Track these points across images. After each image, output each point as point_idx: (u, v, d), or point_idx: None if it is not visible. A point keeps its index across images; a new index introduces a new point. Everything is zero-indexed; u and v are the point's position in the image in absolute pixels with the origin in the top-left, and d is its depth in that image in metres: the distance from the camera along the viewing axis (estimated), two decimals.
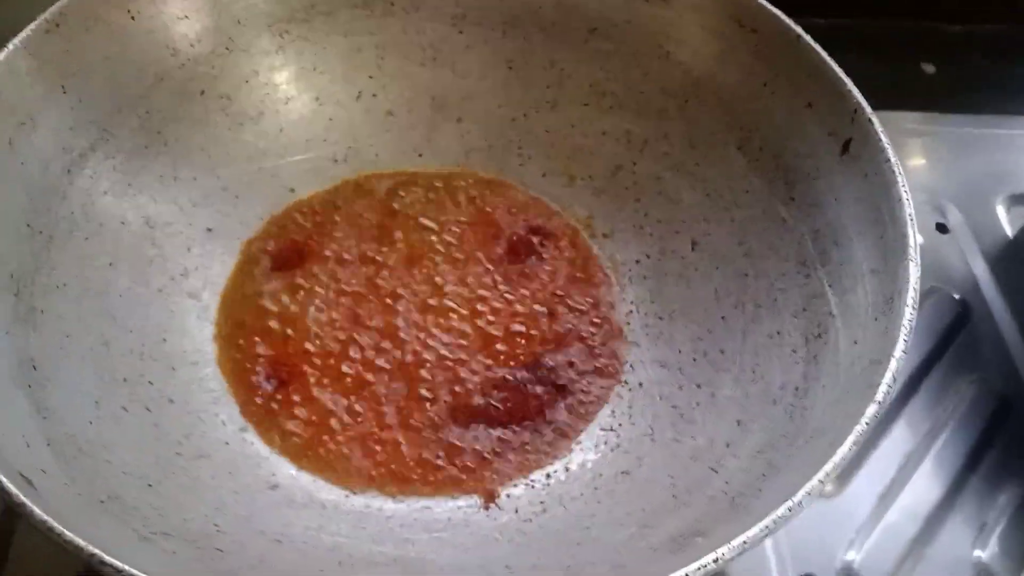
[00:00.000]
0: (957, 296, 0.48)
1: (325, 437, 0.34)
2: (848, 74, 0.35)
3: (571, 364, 0.37)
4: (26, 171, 0.33)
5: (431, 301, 0.38)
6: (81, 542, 0.22)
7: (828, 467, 0.25)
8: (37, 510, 0.23)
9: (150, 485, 0.30)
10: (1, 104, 0.32)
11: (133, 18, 0.36)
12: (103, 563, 0.22)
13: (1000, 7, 0.62)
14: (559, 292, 0.39)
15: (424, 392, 0.36)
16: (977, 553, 0.40)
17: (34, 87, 0.33)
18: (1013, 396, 0.44)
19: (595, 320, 0.39)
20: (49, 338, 0.31)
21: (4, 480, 0.23)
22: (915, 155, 0.55)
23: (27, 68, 0.33)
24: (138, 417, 0.32)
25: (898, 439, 0.43)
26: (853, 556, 0.39)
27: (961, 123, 0.56)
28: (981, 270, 0.49)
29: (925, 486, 0.42)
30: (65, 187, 0.34)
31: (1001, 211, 0.52)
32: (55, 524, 0.23)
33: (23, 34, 0.33)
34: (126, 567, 0.22)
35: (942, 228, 0.51)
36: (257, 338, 0.37)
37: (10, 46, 0.33)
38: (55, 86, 0.34)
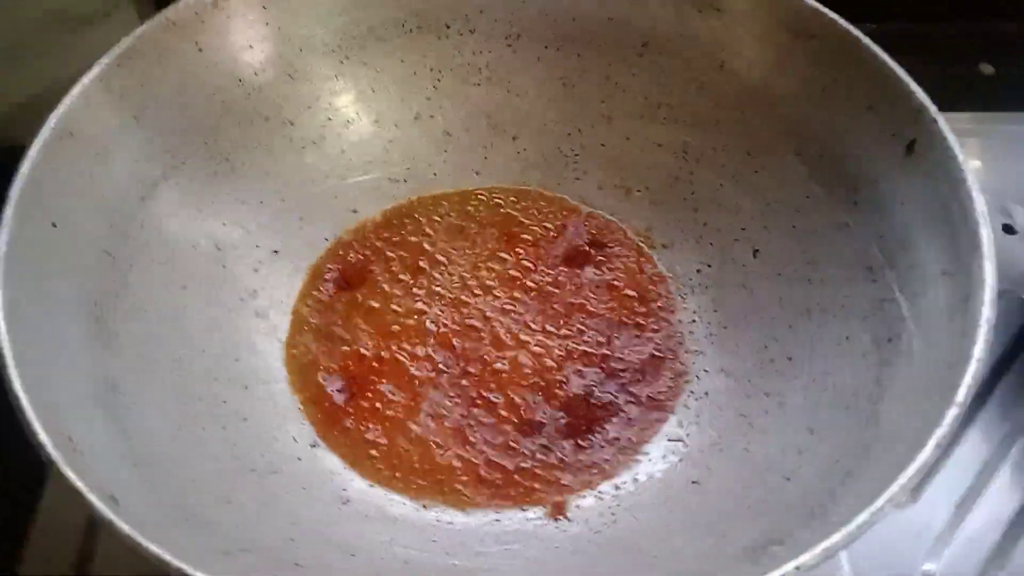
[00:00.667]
0: None
1: (395, 452, 0.35)
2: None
3: (635, 375, 0.37)
4: (103, 200, 0.34)
5: (495, 315, 0.39)
6: (168, 556, 0.23)
7: (910, 471, 0.24)
8: (123, 525, 0.23)
9: (228, 502, 0.30)
10: (78, 136, 0.33)
11: (201, 50, 0.37)
12: None
13: None
14: (622, 304, 0.39)
15: (491, 405, 0.36)
16: None
17: (109, 119, 0.35)
18: None
19: (658, 330, 0.39)
20: (128, 360, 0.32)
21: (91, 498, 0.24)
22: (976, 156, 0.54)
23: (101, 100, 0.34)
24: (214, 435, 0.33)
25: (973, 446, 0.42)
26: (931, 567, 0.38)
27: (1021, 122, 0.56)
28: None
29: (1004, 493, 0.41)
30: (140, 214, 0.35)
31: None
32: (140, 539, 0.23)
33: (96, 68, 0.34)
34: None
35: (1009, 229, 0.50)
36: (324, 356, 0.37)
37: (85, 79, 0.34)
38: (128, 117, 0.35)
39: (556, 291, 0.40)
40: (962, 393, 0.26)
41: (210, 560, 0.24)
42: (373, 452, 0.35)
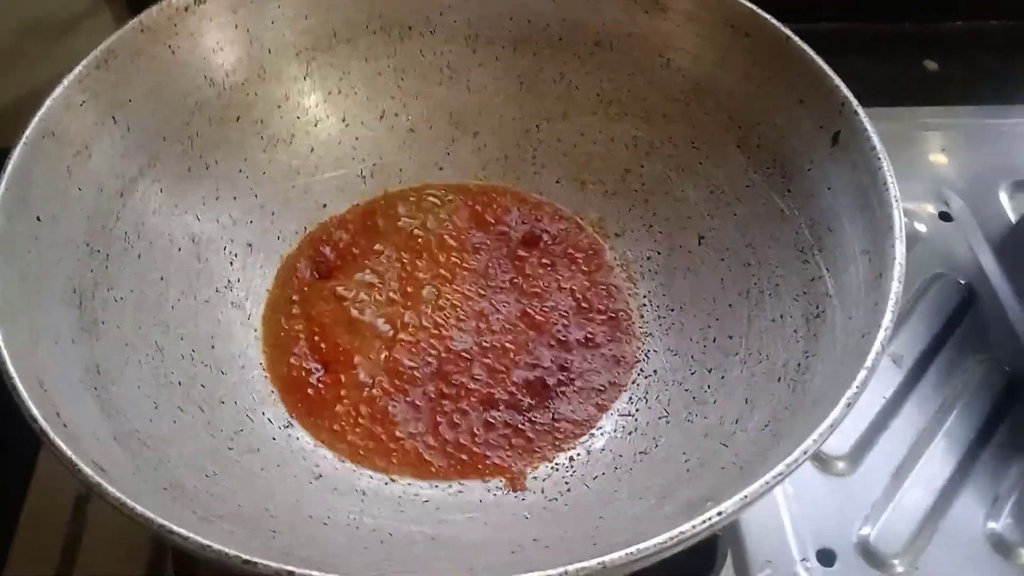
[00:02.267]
0: (963, 281, 0.50)
1: (362, 430, 0.37)
2: (853, 74, 0.37)
3: (589, 356, 0.40)
4: (83, 196, 0.36)
5: (458, 301, 0.41)
6: (151, 514, 0.25)
7: (822, 428, 0.27)
8: (111, 489, 0.26)
9: (207, 476, 0.32)
10: (59, 135, 0.35)
11: (173, 52, 0.39)
12: (171, 532, 0.25)
13: (997, 3, 0.64)
14: (575, 290, 0.42)
15: (453, 385, 0.38)
16: (991, 525, 0.41)
17: (87, 118, 0.36)
18: (1021, 373, 0.46)
19: (610, 314, 0.41)
20: (111, 346, 0.34)
21: (81, 466, 0.26)
22: (919, 148, 0.56)
23: (80, 101, 0.36)
24: (193, 416, 0.35)
25: (909, 418, 0.45)
26: (868, 531, 0.41)
27: (963, 115, 0.58)
28: (986, 255, 0.51)
29: (937, 462, 0.43)
30: (118, 209, 0.37)
31: (1004, 198, 0.54)
32: (127, 500, 0.25)
33: (76, 70, 0.36)
34: (192, 535, 0.25)
35: (946, 216, 0.53)
36: (296, 342, 0.39)
37: (64, 81, 0.36)
38: (106, 117, 0.37)
39: (515, 278, 0.42)
40: (870, 358, 0.28)
41: (191, 525, 0.26)
42: (342, 431, 0.37)
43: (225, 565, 0.25)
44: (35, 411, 0.27)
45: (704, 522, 0.25)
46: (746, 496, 0.25)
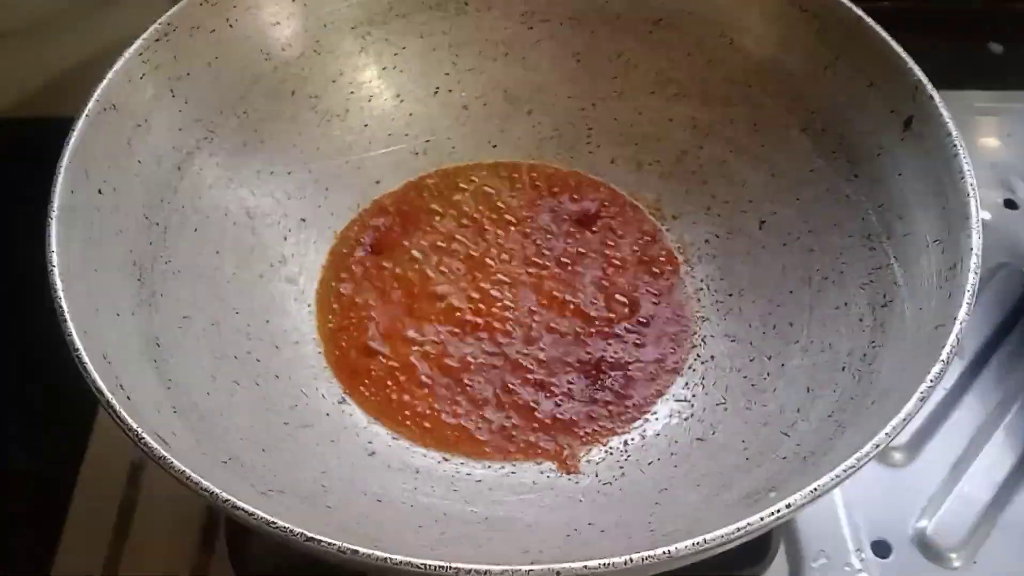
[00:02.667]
0: None
1: (417, 408, 0.37)
2: (915, 56, 0.36)
3: (644, 339, 0.39)
4: (143, 168, 0.36)
5: (515, 281, 0.41)
6: (216, 488, 0.25)
7: (895, 421, 0.26)
8: (176, 461, 0.26)
9: (263, 450, 0.33)
10: (120, 108, 0.35)
11: (231, 25, 0.39)
12: (236, 508, 0.25)
13: None
14: (631, 272, 0.41)
15: (509, 366, 0.38)
16: None
17: (146, 91, 0.36)
18: None
19: (668, 298, 0.40)
20: (169, 318, 0.34)
21: (146, 437, 0.26)
22: (984, 133, 0.55)
23: (140, 74, 0.36)
24: (248, 390, 0.35)
25: (969, 410, 0.44)
26: (926, 523, 0.40)
27: None
28: None
29: (997, 456, 0.43)
30: (176, 182, 0.37)
31: None
32: (192, 474, 0.25)
33: (136, 43, 0.36)
34: (258, 511, 0.25)
35: (1011, 204, 0.51)
36: (351, 319, 0.39)
37: (126, 54, 0.36)
38: (165, 90, 0.37)
39: (571, 260, 0.42)
40: (946, 352, 0.27)
41: (251, 499, 0.26)
42: (397, 408, 0.37)
43: (287, 541, 0.25)
44: (101, 383, 0.27)
45: (772, 514, 0.25)
46: (816, 488, 0.25)
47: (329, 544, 0.24)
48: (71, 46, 0.48)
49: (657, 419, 0.37)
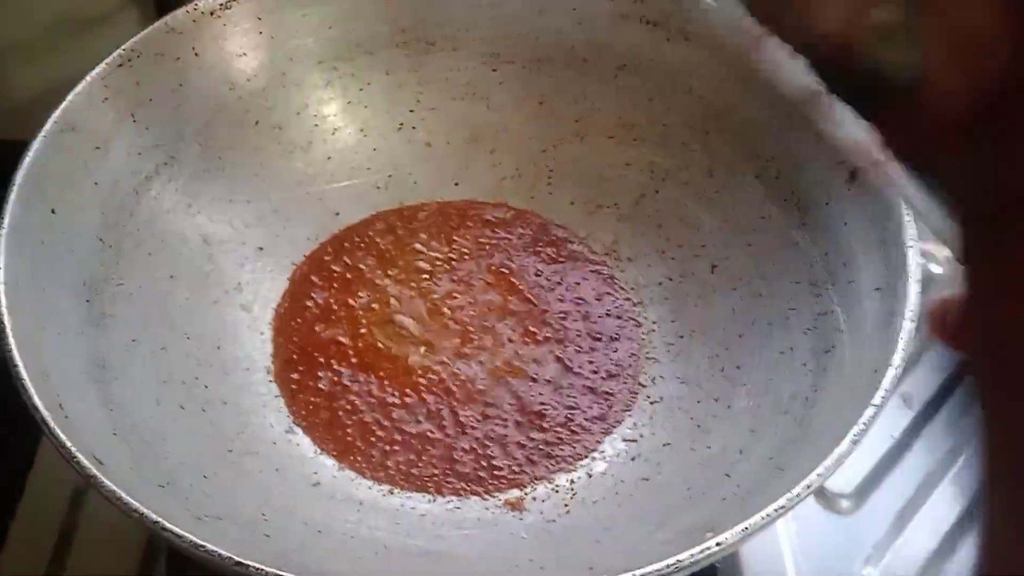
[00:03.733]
0: None
1: (365, 441, 0.37)
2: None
3: (596, 379, 0.40)
4: (99, 191, 0.36)
5: (462, 317, 0.41)
6: (146, 511, 0.25)
7: (827, 462, 0.27)
8: (107, 482, 0.25)
9: (204, 475, 0.32)
10: (79, 130, 0.35)
11: (197, 54, 0.40)
12: (165, 530, 0.25)
13: None
14: (584, 312, 0.42)
15: (458, 402, 0.38)
16: None
17: (107, 115, 0.37)
18: None
19: (619, 339, 0.41)
20: (117, 340, 0.34)
21: (80, 457, 0.26)
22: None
23: (102, 98, 0.37)
24: (194, 415, 0.35)
25: (917, 459, 0.44)
26: (870, 571, 0.40)
27: None
28: None
29: (944, 505, 0.43)
30: (133, 206, 0.37)
31: None
32: (123, 495, 0.25)
33: (99, 67, 0.37)
34: (187, 534, 0.25)
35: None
36: (304, 349, 0.39)
37: (88, 78, 0.36)
38: (126, 115, 0.37)
39: (524, 298, 0.42)
40: (879, 396, 0.28)
41: (185, 523, 0.26)
42: (344, 440, 0.37)
43: (217, 566, 0.25)
44: (37, 400, 0.27)
45: (702, 551, 0.25)
46: (747, 528, 0.25)
47: (257, 570, 0.24)
48: (44, 70, 0.49)
49: (604, 458, 0.37)
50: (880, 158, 0.24)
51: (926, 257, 0.51)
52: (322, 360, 0.39)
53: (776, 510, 0.26)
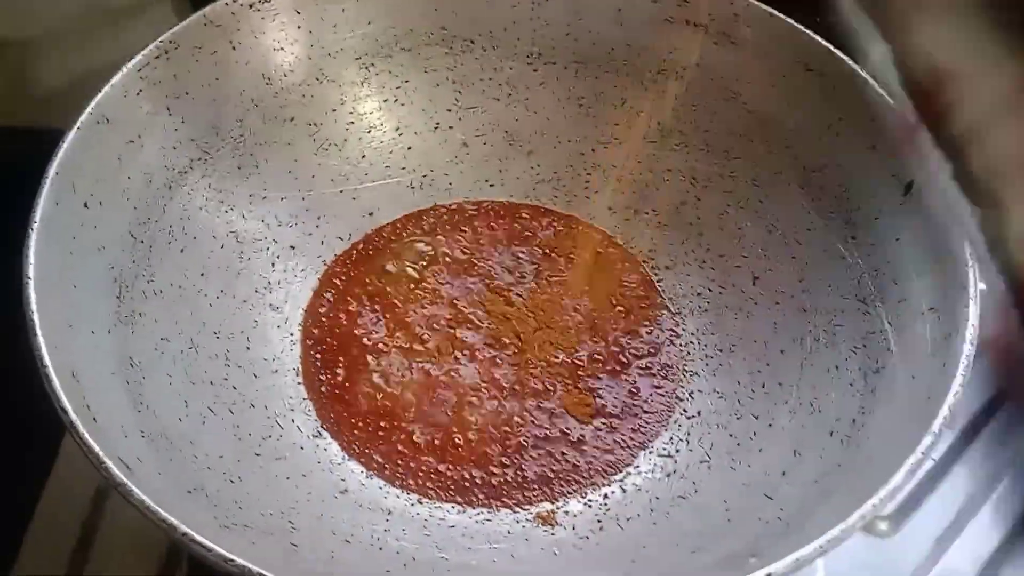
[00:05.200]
0: None
1: (395, 448, 0.36)
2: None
3: (630, 391, 0.39)
4: (132, 185, 0.35)
5: (498, 324, 0.40)
6: (175, 521, 0.24)
7: (883, 493, 0.25)
8: (136, 490, 0.25)
9: (231, 481, 0.32)
10: (113, 122, 0.35)
11: (234, 48, 0.39)
12: (193, 542, 0.24)
13: None
14: (620, 322, 0.41)
15: (490, 409, 0.37)
16: None
17: (143, 108, 0.36)
18: None
19: (656, 350, 0.40)
20: (146, 339, 0.33)
21: (107, 463, 0.25)
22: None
23: (137, 90, 0.36)
24: (221, 418, 0.34)
25: (957, 483, 0.43)
26: None
27: None
28: None
29: (984, 531, 0.42)
30: (165, 201, 0.37)
31: None
32: (151, 503, 0.24)
33: (135, 59, 0.36)
34: (215, 547, 0.24)
35: None
36: (335, 351, 0.39)
37: (124, 69, 0.35)
38: (161, 108, 0.37)
39: (561, 305, 0.41)
40: (936, 424, 0.27)
41: (212, 532, 0.25)
42: (374, 446, 0.36)
43: None
44: (66, 402, 0.26)
45: None
46: (798, 559, 0.24)
47: None
48: (76, 59, 0.48)
49: (639, 473, 0.36)
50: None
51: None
52: (351, 363, 0.38)
53: (829, 541, 0.25)
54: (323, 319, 0.40)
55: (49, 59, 0.49)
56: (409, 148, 0.44)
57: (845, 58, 0.37)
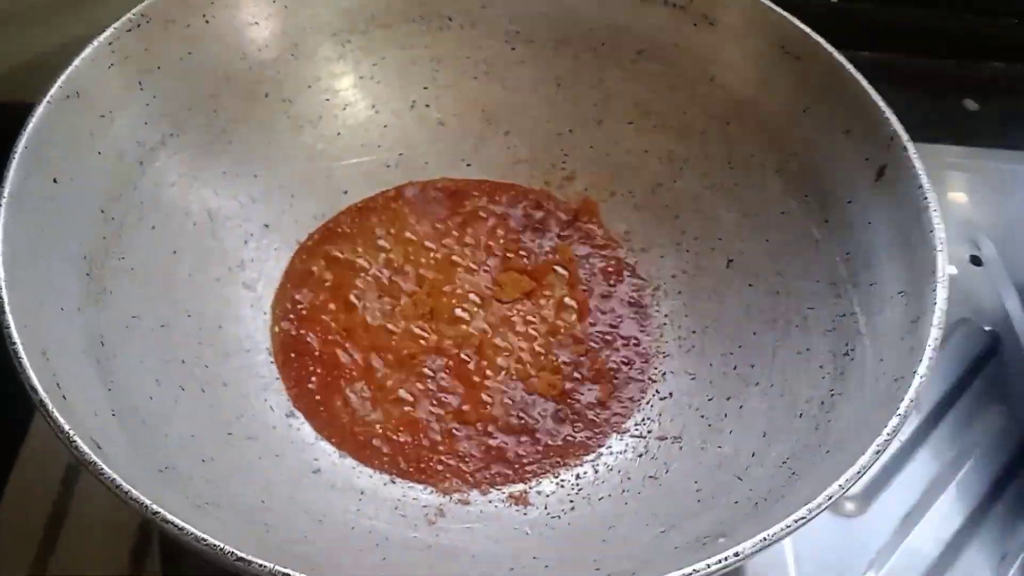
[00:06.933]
0: (987, 328, 0.48)
1: (367, 427, 0.36)
2: (891, 107, 0.36)
3: (603, 372, 0.39)
4: (103, 161, 0.35)
5: (471, 304, 0.40)
6: (146, 500, 0.24)
7: (849, 473, 0.26)
8: (107, 468, 0.25)
9: (203, 460, 0.31)
10: (84, 97, 0.34)
11: (207, 22, 0.38)
12: (165, 521, 0.24)
13: None
14: (593, 303, 0.41)
15: (464, 391, 0.37)
16: None
17: (114, 82, 0.35)
18: None
19: (627, 331, 0.40)
20: (116, 317, 0.33)
21: (77, 441, 0.25)
22: (953, 188, 0.55)
23: (108, 64, 0.35)
24: (194, 397, 0.34)
25: (922, 465, 0.44)
26: (873, 575, 0.40)
27: (1001, 159, 0.57)
28: (1013, 304, 0.49)
29: (948, 512, 0.42)
30: (137, 178, 0.36)
31: None
32: (122, 482, 0.24)
33: (106, 32, 0.35)
34: (188, 527, 0.24)
35: (976, 260, 0.51)
36: (307, 330, 0.38)
37: (95, 43, 0.35)
38: (133, 82, 0.36)
39: (531, 286, 0.41)
40: (904, 406, 0.27)
41: (184, 512, 0.25)
42: (345, 426, 0.36)
43: (217, 560, 0.24)
44: (35, 381, 0.26)
45: (720, 561, 0.24)
46: (765, 538, 0.24)
47: (261, 566, 0.23)
48: (47, 34, 0.47)
49: (611, 453, 0.37)
50: None
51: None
52: (324, 343, 0.38)
53: (796, 521, 0.25)
54: (296, 298, 0.39)
55: (19, 31, 0.48)
56: (385, 126, 0.43)
57: (821, 41, 0.37)
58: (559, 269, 0.42)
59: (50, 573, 0.36)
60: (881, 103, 0.35)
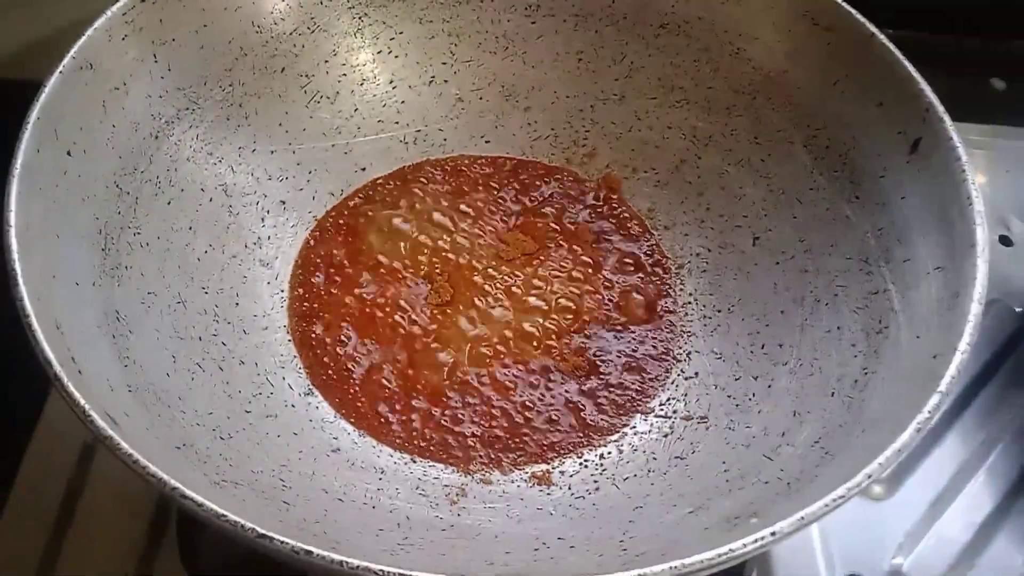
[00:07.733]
0: (1018, 309, 0.47)
1: (387, 405, 0.35)
2: None
3: (628, 350, 0.38)
4: (117, 134, 0.34)
5: (493, 282, 0.39)
6: (164, 475, 0.23)
7: (889, 452, 0.25)
8: (123, 444, 0.24)
9: (221, 438, 0.31)
10: (97, 68, 0.33)
11: None
12: (184, 497, 0.23)
13: None
14: (617, 282, 0.40)
15: (484, 369, 0.37)
16: None
17: (128, 54, 0.35)
18: None
19: (652, 310, 0.39)
20: (132, 292, 0.32)
21: (94, 416, 0.25)
22: (981, 167, 0.54)
23: (122, 35, 0.35)
24: (211, 374, 0.33)
25: (952, 448, 0.43)
26: (901, 560, 0.39)
27: None
28: None
29: (978, 496, 0.41)
30: (152, 151, 0.36)
31: None
32: (140, 457, 0.24)
33: (120, 2, 0.34)
34: (207, 502, 0.23)
35: (1006, 241, 0.50)
36: (325, 308, 0.38)
37: (108, 13, 0.34)
38: (147, 54, 0.35)
39: (557, 265, 0.40)
40: (945, 382, 0.26)
41: (202, 489, 0.24)
42: (365, 404, 0.35)
43: (237, 537, 0.23)
44: (50, 354, 0.25)
45: (756, 541, 0.23)
46: (803, 517, 0.24)
47: (283, 543, 0.23)
48: (61, 11, 0.47)
49: (636, 433, 0.36)
50: None
51: None
52: (342, 321, 0.37)
53: (834, 499, 0.24)
54: (313, 276, 0.39)
55: (32, 9, 0.47)
56: (403, 102, 0.42)
57: (853, 11, 0.36)
58: (581, 248, 0.41)
59: (65, 551, 0.36)
60: (915, 74, 0.34)
